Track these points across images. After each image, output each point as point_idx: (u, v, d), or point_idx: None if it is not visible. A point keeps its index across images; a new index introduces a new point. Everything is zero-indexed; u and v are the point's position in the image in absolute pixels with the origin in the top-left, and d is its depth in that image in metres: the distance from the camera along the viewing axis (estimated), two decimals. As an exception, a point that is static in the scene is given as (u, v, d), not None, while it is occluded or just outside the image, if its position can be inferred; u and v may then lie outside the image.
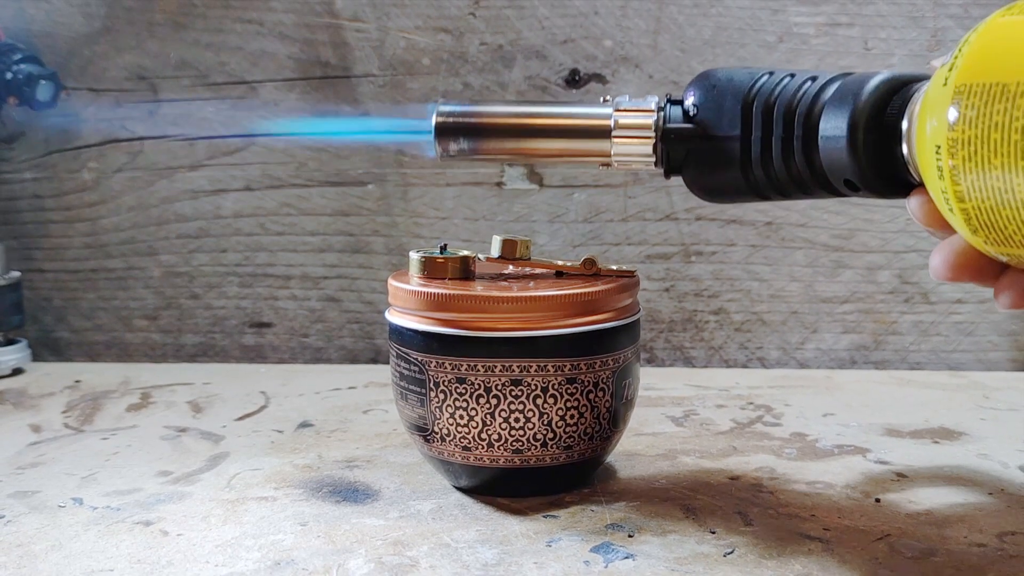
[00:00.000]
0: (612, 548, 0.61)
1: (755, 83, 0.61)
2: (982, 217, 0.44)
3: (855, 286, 1.06)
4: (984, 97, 0.42)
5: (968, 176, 0.43)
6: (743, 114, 0.61)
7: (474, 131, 0.69)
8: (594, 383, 0.67)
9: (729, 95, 0.62)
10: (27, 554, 0.62)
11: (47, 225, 1.14)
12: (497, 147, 0.69)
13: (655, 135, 0.64)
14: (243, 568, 0.59)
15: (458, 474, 0.70)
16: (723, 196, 0.65)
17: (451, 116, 0.69)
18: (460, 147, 0.69)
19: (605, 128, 0.66)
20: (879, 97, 0.54)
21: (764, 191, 0.62)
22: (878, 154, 0.54)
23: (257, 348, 1.14)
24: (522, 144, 0.69)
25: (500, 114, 0.69)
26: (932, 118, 0.46)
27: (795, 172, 0.59)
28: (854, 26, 1.02)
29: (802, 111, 0.58)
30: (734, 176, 0.62)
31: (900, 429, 0.84)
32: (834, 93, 0.56)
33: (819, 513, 0.66)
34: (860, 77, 0.55)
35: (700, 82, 0.64)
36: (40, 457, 0.80)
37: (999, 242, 0.45)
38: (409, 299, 0.67)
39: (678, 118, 0.64)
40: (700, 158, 0.64)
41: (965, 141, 0.43)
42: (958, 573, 0.57)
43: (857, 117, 0.54)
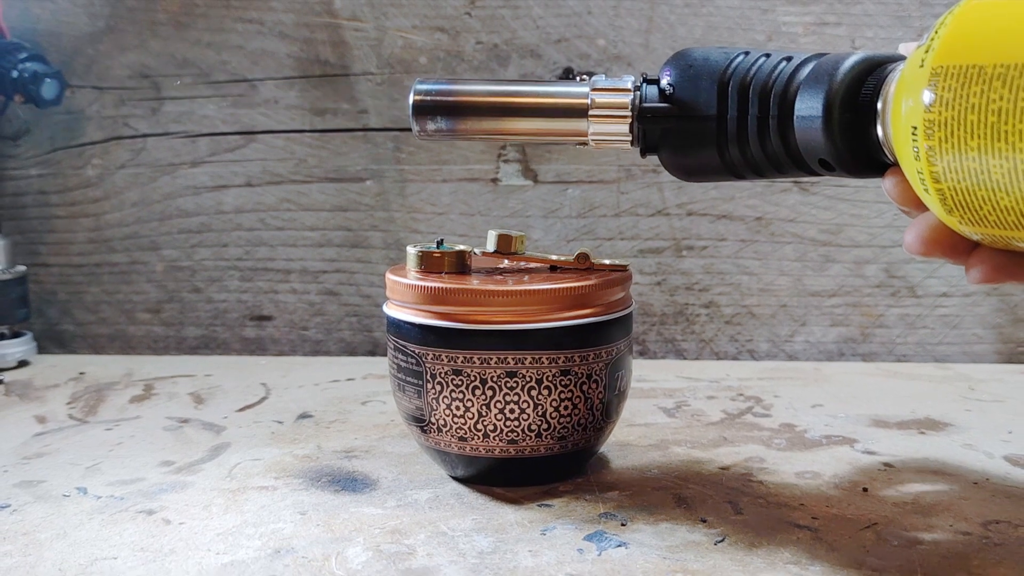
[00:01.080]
0: (605, 536, 0.61)
1: (731, 63, 0.60)
2: (957, 198, 0.44)
3: (843, 280, 1.06)
4: (961, 79, 0.41)
5: (944, 157, 0.43)
6: (719, 93, 0.60)
7: (452, 109, 0.68)
8: (587, 375, 0.67)
9: (705, 75, 0.61)
10: (33, 542, 0.62)
11: (52, 220, 1.14)
12: (475, 127, 0.68)
13: (631, 114, 0.64)
14: (244, 556, 0.59)
15: (454, 464, 0.70)
16: (699, 175, 0.64)
17: (428, 95, 0.68)
18: (438, 126, 0.68)
19: (582, 107, 0.65)
20: (854, 77, 0.53)
21: (739, 170, 0.62)
22: (853, 134, 0.54)
23: (257, 341, 1.14)
24: (500, 124, 0.68)
25: (478, 92, 0.68)
26: (908, 99, 0.46)
27: (770, 151, 0.59)
28: (841, 25, 1.02)
29: (777, 91, 0.58)
30: (710, 155, 0.62)
31: (887, 420, 0.84)
32: (809, 73, 0.56)
33: (808, 502, 0.66)
34: (835, 57, 0.55)
35: (676, 61, 0.63)
36: (45, 447, 0.80)
37: (973, 222, 0.45)
38: (406, 293, 0.67)
39: (654, 97, 0.63)
40: (676, 137, 0.63)
41: (941, 122, 0.43)
42: (944, 561, 0.57)
43: (832, 97, 0.53)
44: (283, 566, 0.58)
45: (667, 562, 0.57)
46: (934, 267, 1.04)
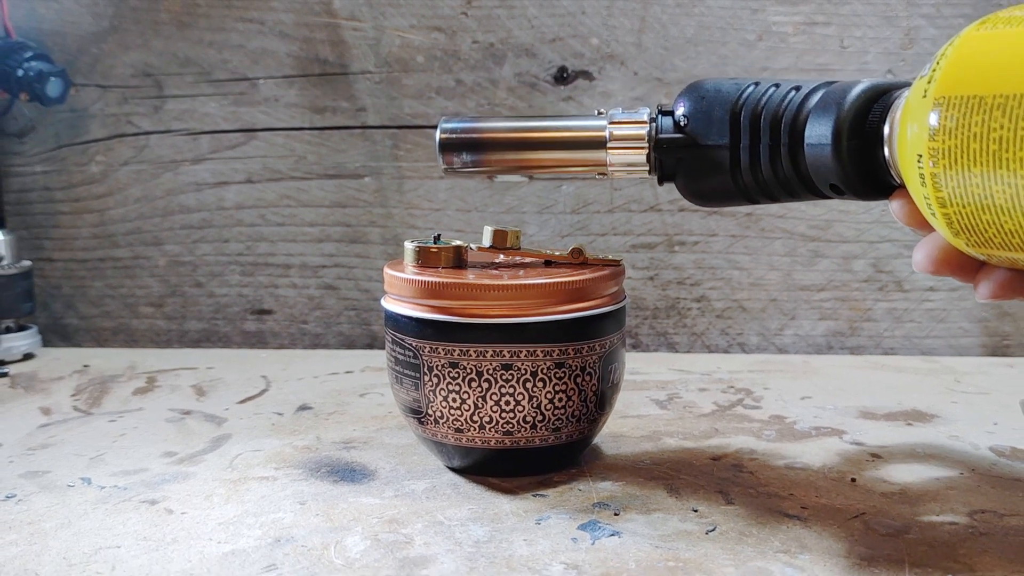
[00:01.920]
0: (599, 526, 0.61)
1: (742, 93, 0.61)
2: (963, 221, 0.44)
3: (831, 275, 1.06)
4: (962, 109, 0.42)
5: (949, 183, 0.44)
6: (731, 123, 0.61)
7: (476, 145, 0.70)
8: (581, 367, 0.67)
9: (717, 105, 0.62)
10: (38, 531, 0.62)
11: (57, 216, 1.14)
12: (498, 159, 0.70)
13: (648, 145, 0.65)
14: (245, 545, 0.59)
15: (451, 455, 0.70)
16: (713, 200, 0.65)
17: (454, 132, 0.70)
18: (463, 160, 0.70)
19: (600, 140, 0.67)
20: (861, 105, 0.54)
21: (752, 195, 0.63)
22: (861, 159, 0.54)
23: (258, 334, 1.14)
24: (522, 156, 0.70)
25: (500, 128, 0.70)
26: (913, 127, 0.46)
27: (782, 177, 0.60)
28: (830, 25, 1.02)
29: (788, 119, 0.59)
30: (724, 182, 0.63)
31: (875, 412, 0.84)
32: (818, 102, 0.57)
33: (797, 492, 0.66)
34: (842, 86, 0.56)
35: (689, 93, 0.64)
36: (50, 439, 0.80)
37: (979, 244, 0.45)
38: (404, 287, 0.67)
39: (669, 128, 0.64)
40: (691, 166, 0.64)
41: (945, 151, 0.43)
42: (931, 550, 0.57)
43: (841, 124, 0.54)
44: (283, 555, 0.58)
45: (659, 551, 0.57)
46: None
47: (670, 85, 1.04)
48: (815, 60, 1.02)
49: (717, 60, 1.03)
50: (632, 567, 0.55)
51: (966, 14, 0.99)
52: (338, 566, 0.56)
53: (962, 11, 1.00)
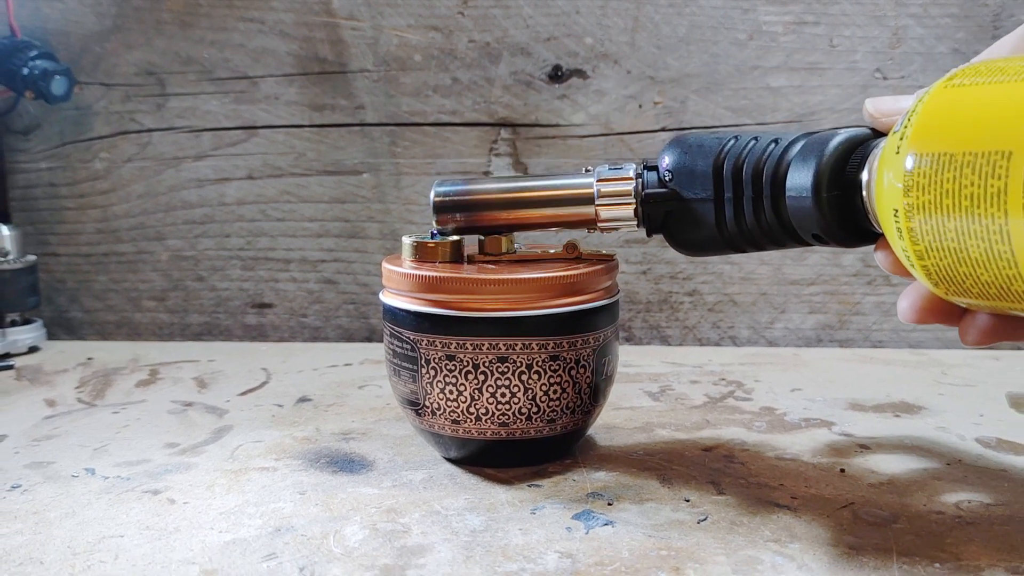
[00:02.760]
0: (592, 515, 0.61)
1: (723, 147, 0.62)
2: (941, 273, 0.45)
3: (821, 269, 1.06)
4: (934, 165, 0.42)
5: (925, 237, 0.44)
6: (714, 176, 0.62)
7: (469, 207, 0.70)
8: (576, 360, 0.66)
9: (700, 159, 0.63)
10: (42, 521, 0.61)
11: (61, 212, 1.14)
12: (491, 218, 0.70)
13: (635, 200, 0.66)
14: (245, 534, 0.59)
15: (448, 446, 0.70)
16: (701, 251, 0.66)
17: (447, 196, 0.70)
18: (457, 220, 0.70)
19: (589, 196, 0.68)
20: (839, 156, 0.55)
21: (738, 244, 0.63)
22: (841, 209, 0.55)
23: (259, 327, 1.14)
24: (513, 214, 0.70)
25: (491, 190, 0.71)
26: (888, 182, 0.47)
27: (766, 227, 0.60)
28: (820, 24, 1.01)
29: (769, 171, 0.59)
30: (710, 233, 0.63)
31: (863, 403, 0.84)
32: (798, 153, 0.57)
33: (787, 482, 0.66)
34: (821, 137, 0.56)
35: (672, 148, 0.65)
36: (55, 430, 0.80)
37: (959, 293, 0.46)
38: (402, 281, 0.67)
39: (654, 183, 0.65)
40: (678, 218, 0.65)
41: (919, 206, 0.44)
42: (918, 539, 0.57)
43: (820, 176, 0.55)
44: (283, 544, 0.57)
45: (652, 540, 0.57)
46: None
47: (663, 83, 1.04)
48: (805, 59, 1.02)
49: (709, 59, 1.03)
50: (625, 556, 0.55)
51: (952, 14, 0.99)
52: (337, 555, 0.56)
53: (948, 11, 0.99)
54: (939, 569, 0.53)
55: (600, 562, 0.55)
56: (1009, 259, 0.40)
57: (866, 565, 0.54)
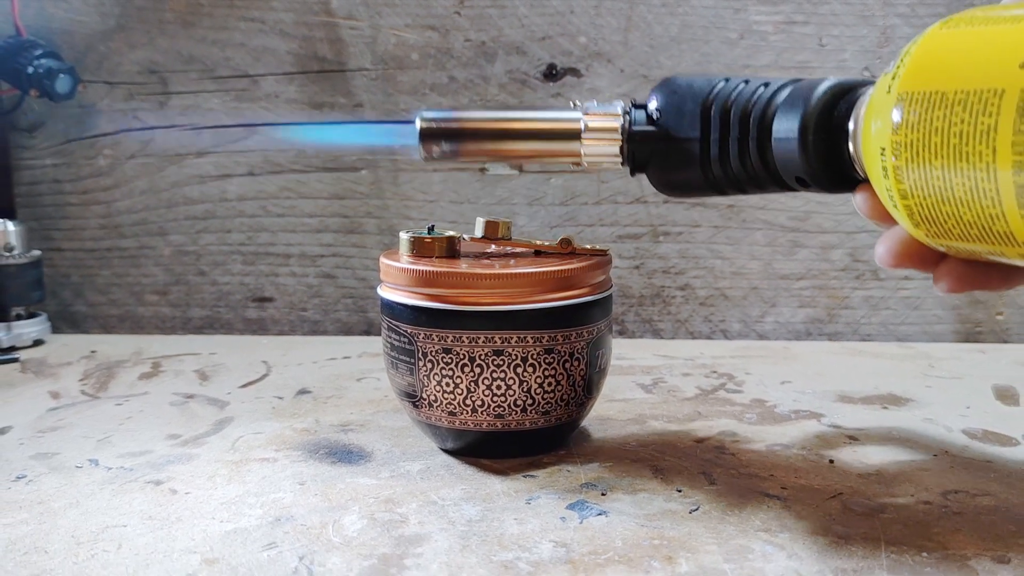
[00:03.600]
0: (586, 505, 0.61)
1: (713, 88, 0.61)
2: (923, 212, 0.45)
3: (810, 264, 1.06)
4: (925, 104, 0.42)
5: (911, 175, 0.44)
6: (702, 117, 0.61)
7: (455, 135, 0.69)
8: (570, 353, 0.66)
9: (689, 100, 0.62)
10: (47, 511, 0.61)
11: (66, 207, 1.14)
12: (476, 149, 0.69)
13: (621, 137, 0.65)
14: (246, 524, 0.59)
15: (444, 437, 0.70)
16: (683, 192, 0.66)
17: (434, 121, 0.69)
18: (443, 149, 0.69)
19: (576, 131, 0.66)
20: (827, 101, 0.54)
21: (721, 187, 0.63)
22: (826, 154, 0.55)
23: (259, 321, 1.14)
24: (499, 146, 0.69)
25: (479, 119, 0.69)
26: (877, 122, 0.47)
27: (750, 170, 0.60)
28: (809, 24, 1.01)
29: (756, 114, 0.59)
30: (694, 174, 0.63)
31: (852, 396, 0.84)
32: (786, 98, 0.57)
33: (777, 473, 0.66)
34: (809, 83, 0.56)
35: (662, 88, 0.64)
36: (59, 422, 0.80)
37: (939, 235, 0.45)
38: (399, 276, 0.67)
39: (642, 121, 0.64)
40: (663, 158, 0.64)
41: (907, 144, 0.43)
42: (905, 528, 0.57)
43: (807, 120, 0.55)
44: (283, 533, 0.57)
45: (645, 529, 0.57)
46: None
47: (655, 82, 1.03)
48: (794, 58, 1.02)
49: (700, 58, 1.03)
50: (618, 545, 0.55)
51: (939, 13, 0.99)
52: (336, 544, 0.56)
53: (936, 11, 0.99)
54: (926, 558, 0.53)
55: (594, 551, 0.55)
56: (994, 197, 0.40)
57: (855, 554, 0.54)
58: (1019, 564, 0.53)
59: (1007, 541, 0.55)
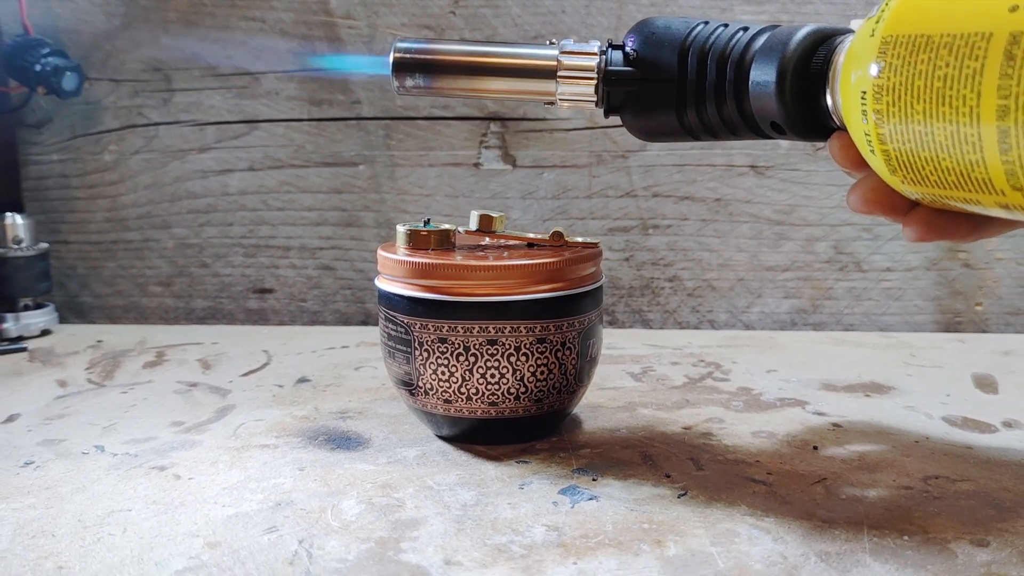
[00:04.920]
0: (578, 490, 0.61)
1: (691, 31, 0.61)
2: (901, 158, 0.44)
3: (795, 256, 1.06)
4: (909, 47, 0.42)
5: (891, 120, 0.44)
6: (679, 59, 0.60)
7: (429, 67, 0.66)
8: (562, 343, 0.66)
9: (667, 42, 0.61)
10: (54, 496, 0.61)
11: (72, 201, 1.14)
12: (451, 85, 0.67)
13: (597, 77, 0.63)
14: (247, 508, 0.59)
15: (440, 424, 0.70)
16: (657, 136, 0.65)
17: (408, 52, 0.66)
18: (416, 83, 0.67)
19: (551, 68, 0.64)
20: (806, 48, 0.54)
21: (696, 132, 0.62)
22: (803, 100, 0.54)
23: (260, 311, 1.14)
24: (473, 83, 0.67)
25: (454, 52, 0.67)
26: (858, 66, 0.46)
27: (726, 115, 0.59)
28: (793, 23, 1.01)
29: (734, 58, 0.58)
30: (669, 118, 0.62)
31: (835, 384, 0.84)
32: (764, 43, 0.57)
33: (763, 459, 0.66)
34: (788, 29, 0.56)
35: (640, 29, 0.63)
36: (66, 409, 0.80)
37: (915, 182, 0.45)
38: (396, 268, 0.67)
39: (619, 61, 0.63)
40: (638, 100, 0.63)
41: (890, 88, 0.43)
42: (887, 513, 0.57)
43: (785, 66, 0.54)
44: (283, 517, 0.57)
45: (634, 514, 0.57)
46: (879, 244, 1.04)
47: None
48: (780, 56, 1.02)
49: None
50: (609, 529, 0.55)
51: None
52: (335, 528, 0.56)
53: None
54: (908, 541, 0.53)
55: (585, 535, 0.55)
56: (975, 143, 0.39)
57: (838, 538, 0.54)
58: (998, 547, 0.53)
59: (986, 525, 0.55)
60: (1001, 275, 1.04)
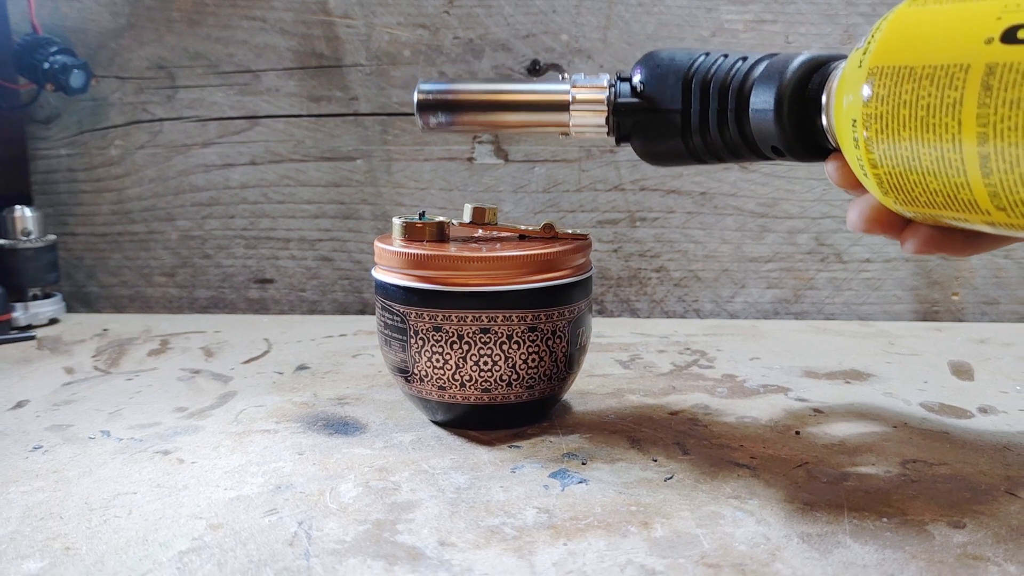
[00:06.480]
0: (568, 474, 0.61)
1: (694, 63, 0.62)
2: (892, 181, 0.45)
3: (778, 247, 1.06)
4: (894, 78, 0.42)
5: (880, 146, 0.44)
6: (683, 90, 0.62)
7: (451, 106, 0.69)
8: (552, 331, 0.66)
9: (671, 73, 0.62)
10: (62, 479, 0.61)
11: (79, 195, 1.14)
12: (471, 120, 0.69)
13: (607, 108, 0.65)
14: (249, 491, 0.59)
15: (435, 410, 0.69)
16: (666, 160, 0.66)
17: (431, 93, 0.69)
18: (439, 120, 0.69)
19: (564, 103, 0.67)
20: (802, 75, 0.55)
21: (701, 156, 0.63)
22: (801, 124, 0.55)
23: (261, 301, 1.13)
24: (493, 117, 0.69)
25: (474, 91, 0.69)
26: (848, 95, 0.47)
27: (728, 140, 0.60)
28: (777, 23, 1.01)
29: (735, 87, 0.59)
30: (675, 143, 0.63)
31: (817, 371, 0.84)
32: (762, 71, 0.57)
33: (747, 444, 0.66)
34: (785, 57, 0.56)
35: (646, 61, 0.64)
36: (73, 395, 0.80)
37: (907, 202, 0.45)
38: (392, 259, 0.67)
39: (627, 93, 0.65)
40: (646, 128, 0.64)
41: (877, 116, 0.44)
42: (867, 495, 0.57)
43: (783, 92, 0.55)
44: (283, 500, 0.57)
45: (623, 497, 0.57)
46: (859, 236, 1.04)
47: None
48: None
49: (675, 54, 1.03)
50: (598, 511, 0.55)
51: (899, 13, 0.99)
52: (333, 510, 0.56)
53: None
54: (887, 523, 0.53)
55: (575, 517, 0.55)
56: (959, 167, 0.40)
57: (819, 520, 0.54)
58: (973, 529, 0.53)
59: (962, 507, 0.55)
60: (977, 266, 1.04)
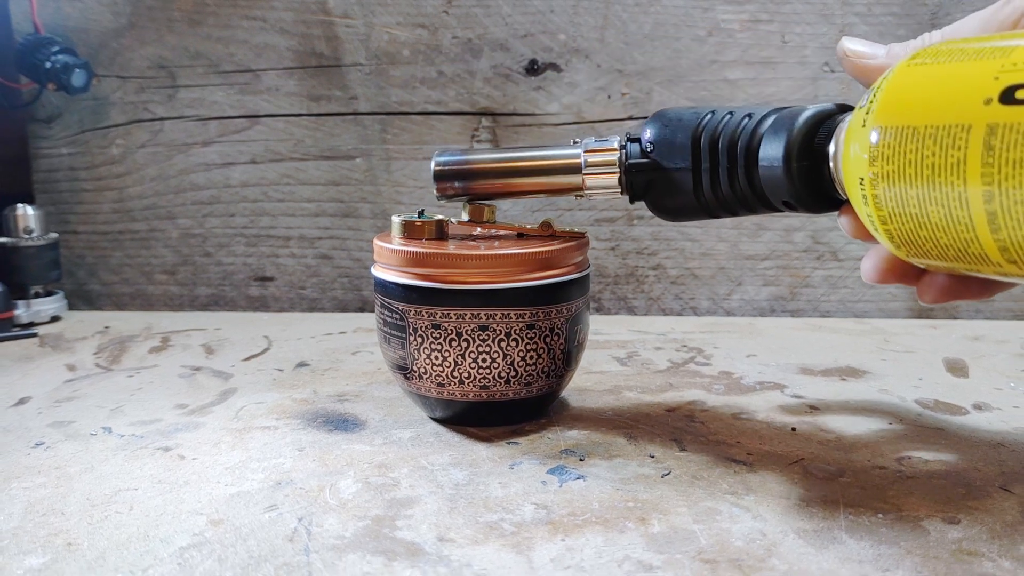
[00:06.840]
0: (565, 470, 0.61)
1: (701, 121, 0.62)
2: (903, 236, 0.45)
3: (774, 245, 1.06)
4: (898, 137, 0.43)
5: (888, 203, 0.44)
6: (692, 148, 0.62)
7: (467, 175, 0.70)
8: (550, 329, 0.66)
9: (679, 132, 0.62)
10: (64, 475, 0.61)
11: (81, 193, 1.14)
12: (487, 186, 0.70)
13: (619, 170, 0.66)
14: (249, 487, 0.59)
15: (434, 407, 0.69)
16: (680, 216, 0.66)
17: (447, 164, 0.70)
18: (455, 188, 0.70)
19: (576, 166, 0.67)
20: (808, 129, 0.55)
21: (714, 211, 0.63)
22: (810, 178, 0.55)
23: (261, 299, 1.13)
24: (507, 182, 0.70)
25: (487, 160, 0.70)
26: (854, 154, 0.47)
27: (740, 195, 0.60)
28: (773, 22, 1.01)
29: (743, 143, 0.59)
30: (688, 200, 0.63)
31: (812, 368, 0.84)
32: (770, 127, 0.57)
33: (743, 440, 0.66)
34: (790, 113, 0.56)
35: (654, 121, 0.64)
36: (75, 392, 0.80)
37: (919, 255, 0.46)
38: (392, 257, 0.67)
39: (637, 154, 0.65)
40: (658, 187, 0.64)
41: (884, 175, 0.44)
42: (863, 491, 0.57)
43: (791, 147, 0.55)
44: (283, 496, 0.57)
45: (620, 493, 0.57)
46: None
47: (629, 76, 1.03)
48: (759, 54, 1.02)
49: (671, 54, 1.03)
50: (595, 507, 0.55)
51: (894, 12, 0.99)
52: (332, 506, 0.56)
53: (891, 10, 0.99)
54: (882, 519, 0.53)
55: (572, 512, 0.55)
56: (967, 223, 0.40)
57: (815, 515, 0.54)
58: (968, 525, 0.53)
59: (957, 503, 0.55)
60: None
